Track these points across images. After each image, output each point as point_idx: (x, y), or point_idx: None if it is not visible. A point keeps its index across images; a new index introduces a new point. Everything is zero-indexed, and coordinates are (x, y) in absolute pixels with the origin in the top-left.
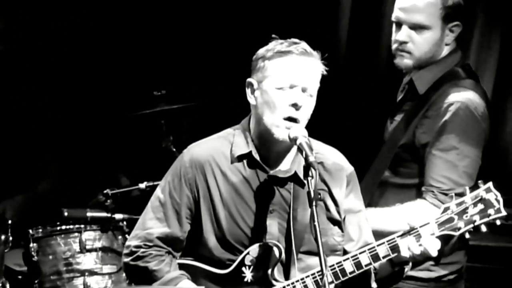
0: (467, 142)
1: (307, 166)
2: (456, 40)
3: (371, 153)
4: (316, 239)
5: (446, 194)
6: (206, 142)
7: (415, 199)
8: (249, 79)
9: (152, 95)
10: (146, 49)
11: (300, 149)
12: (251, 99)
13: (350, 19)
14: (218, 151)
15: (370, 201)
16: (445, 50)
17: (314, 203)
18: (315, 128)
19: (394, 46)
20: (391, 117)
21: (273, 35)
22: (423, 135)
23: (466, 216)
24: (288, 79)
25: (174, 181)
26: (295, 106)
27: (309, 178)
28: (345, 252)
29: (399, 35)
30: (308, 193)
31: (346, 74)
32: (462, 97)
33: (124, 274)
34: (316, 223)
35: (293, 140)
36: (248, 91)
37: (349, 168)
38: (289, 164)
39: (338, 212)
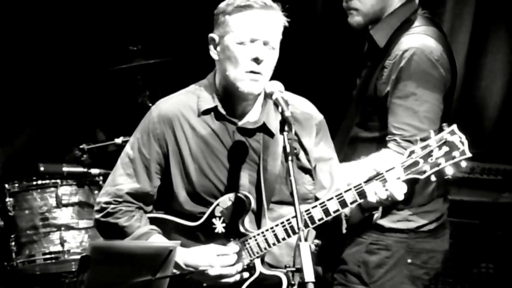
0: (424, 87)
1: (283, 121)
2: None
3: (343, 113)
4: (292, 194)
5: (409, 141)
6: (174, 97)
7: None
8: (211, 34)
9: (128, 50)
10: (122, 3)
11: (276, 104)
12: (214, 54)
13: None
14: (186, 105)
15: (343, 159)
16: (397, 0)
17: (290, 158)
18: (291, 84)
19: (343, 5)
20: (359, 75)
21: None
22: (383, 86)
23: (431, 159)
24: (248, 33)
25: (143, 137)
26: (257, 60)
27: (285, 133)
28: (316, 200)
29: None
30: (284, 148)
31: (322, 30)
32: (416, 42)
33: None
34: (292, 177)
35: (269, 95)
36: (211, 46)
37: (318, 117)
38: (258, 115)
39: (309, 161)
